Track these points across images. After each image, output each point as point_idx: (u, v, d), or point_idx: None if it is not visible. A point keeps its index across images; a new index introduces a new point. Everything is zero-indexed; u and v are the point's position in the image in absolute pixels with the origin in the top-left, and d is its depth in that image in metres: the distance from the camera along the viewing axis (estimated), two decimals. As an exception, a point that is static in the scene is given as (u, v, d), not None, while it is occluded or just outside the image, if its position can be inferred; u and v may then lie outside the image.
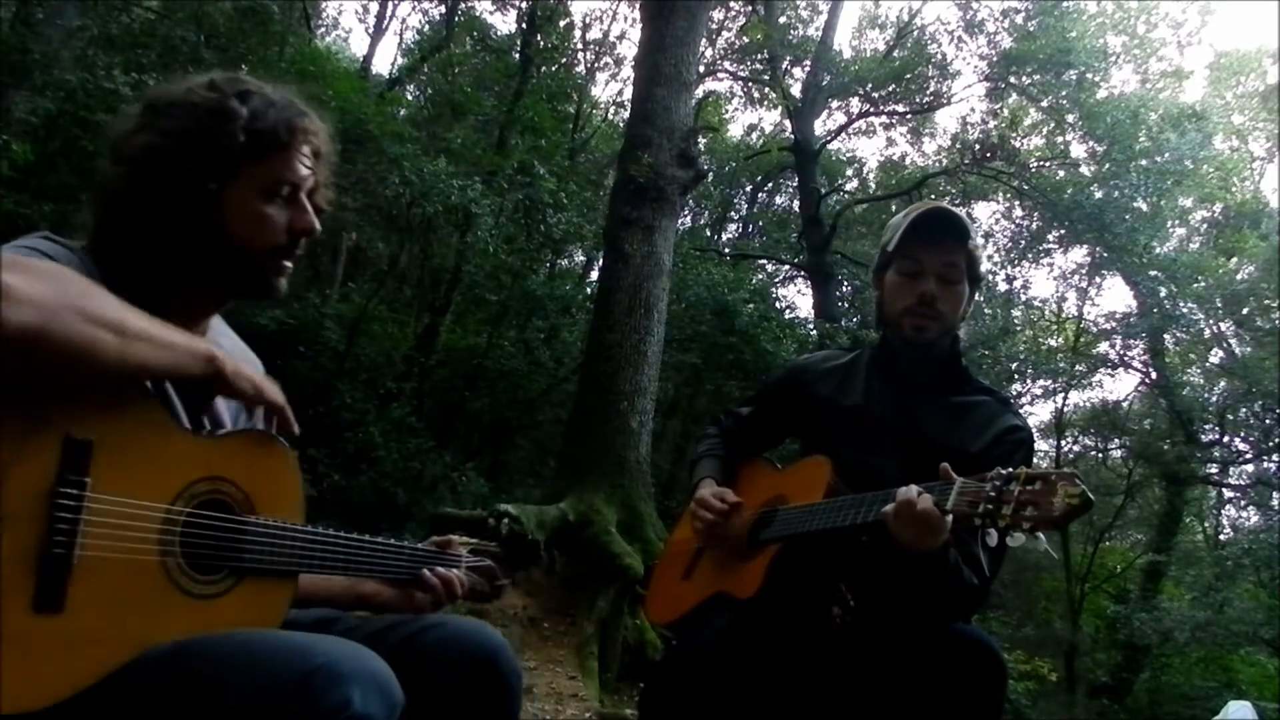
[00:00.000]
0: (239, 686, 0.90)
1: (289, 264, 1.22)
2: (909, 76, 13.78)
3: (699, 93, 11.66)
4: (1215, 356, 14.02)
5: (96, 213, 1.15)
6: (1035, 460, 1.65)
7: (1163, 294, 12.61)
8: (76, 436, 0.91)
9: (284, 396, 1.14)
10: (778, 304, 12.62)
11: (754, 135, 16.61)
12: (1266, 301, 12.78)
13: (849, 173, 16.39)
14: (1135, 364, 14.28)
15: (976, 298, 1.79)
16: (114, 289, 1.04)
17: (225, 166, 1.14)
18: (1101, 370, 14.48)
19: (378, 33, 13.30)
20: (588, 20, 14.10)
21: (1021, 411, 2.00)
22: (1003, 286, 14.57)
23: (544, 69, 11.89)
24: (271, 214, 1.18)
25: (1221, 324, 13.56)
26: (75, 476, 0.91)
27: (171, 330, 1.02)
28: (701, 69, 11.83)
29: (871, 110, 14.43)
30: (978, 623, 1.65)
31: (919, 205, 1.75)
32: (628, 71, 12.83)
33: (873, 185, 16.31)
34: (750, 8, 14.20)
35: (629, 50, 13.00)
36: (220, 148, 1.13)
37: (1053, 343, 14.98)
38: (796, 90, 14.24)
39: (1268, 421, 12.45)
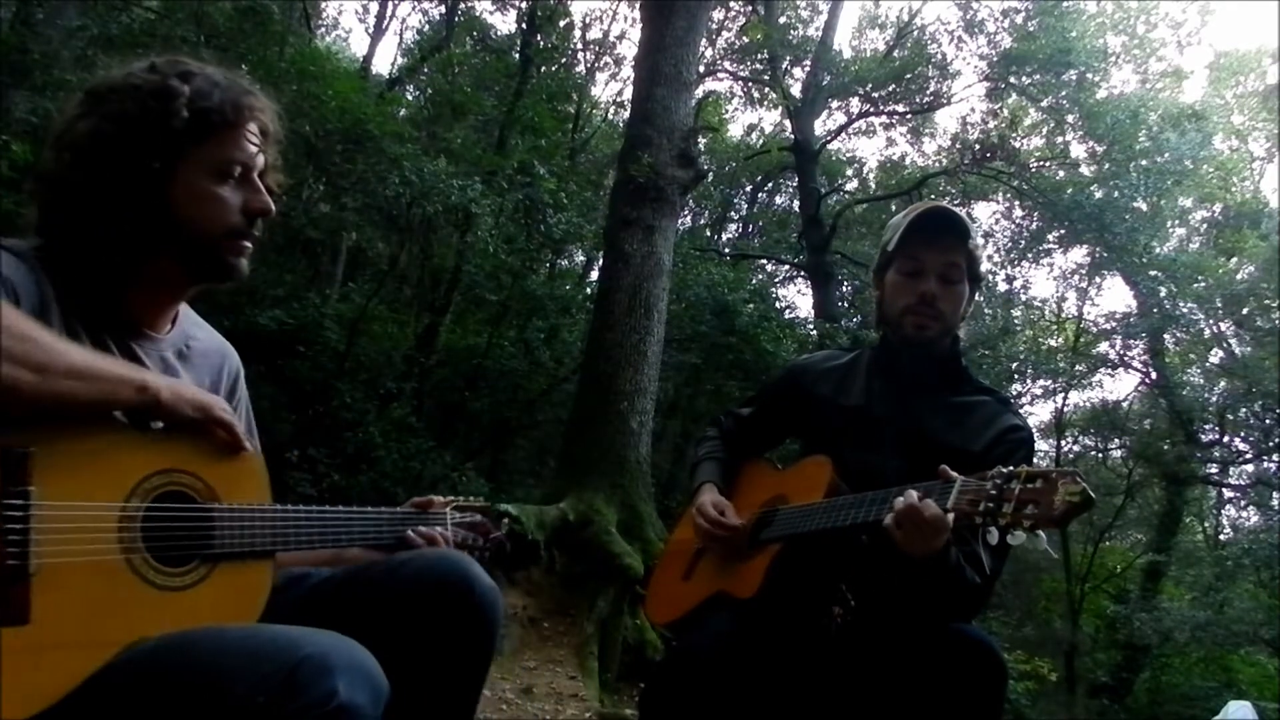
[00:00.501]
0: (227, 682, 0.90)
1: (248, 244, 1.20)
2: (909, 76, 13.76)
3: (699, 93, 11.64)
4: (1215, 356, 14.01)
5: (43, 205, 1.14)
6: (1035, 460, 1.65)
7: (1163, 294, 12.61)
8: (13, 449, 0.91)
9: (231, 414, 1.12)
10: (778, 304, 12.61)
11: (754, 135, 16.61)
12: (1266, 301, 12.77)
13: (849, 173, 16.37)
14: (1135, 364, 14.29)
15: (977, 298, 1.80)
16: (67, 289, 1.04)
17: (171, 147, 1.13)
18: (1101, 370, 14.49)
19: (378, 33, 13.31)
20: (588, 20, 14.10)
21: (1021, 411, 2.00)
22: (1003, 286, 14.60)
23: (544, 69, 11.89)
24: (224, 195, 1.17)
25: (1221, 324, 13.56)
26: (16, 488, 0.90)
27: (107, 362, 1.02)
28: (701, 69, 11.81)
29: (871, 110, 14.41)
30: (978, 623, 1.64)
31: (919, 205, 1.75)
32: (628, 71, 12.84)
33: (873, 185, 16.29)
34: (750, 8, 14.18)
35: (629, 50, 13.01)
36: (164, 128, 1.12)
37: (1053, 343, 14.97)
38: (796, 90, 14.24)
39: (1268, 421, 12.44)
